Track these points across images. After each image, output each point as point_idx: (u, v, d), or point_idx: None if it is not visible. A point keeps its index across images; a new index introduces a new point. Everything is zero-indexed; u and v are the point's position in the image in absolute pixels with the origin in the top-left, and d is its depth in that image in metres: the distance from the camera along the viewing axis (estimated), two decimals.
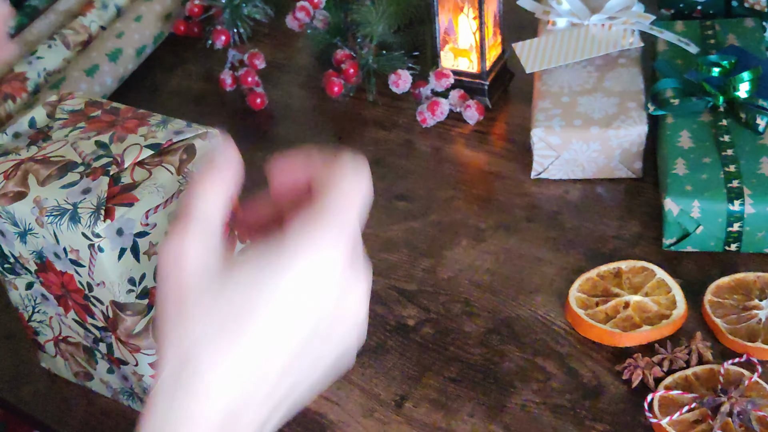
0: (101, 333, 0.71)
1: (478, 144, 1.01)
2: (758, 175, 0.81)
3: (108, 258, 0.64)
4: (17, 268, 0.71)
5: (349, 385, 0.78)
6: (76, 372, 0.78)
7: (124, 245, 0.64)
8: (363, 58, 1.09)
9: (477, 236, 0.90)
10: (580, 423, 0.72)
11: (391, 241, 0.91)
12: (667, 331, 0.77)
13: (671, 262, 0.84)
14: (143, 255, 0.66)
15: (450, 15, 1.02)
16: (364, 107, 1.09)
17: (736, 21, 1.01)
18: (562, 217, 0.90)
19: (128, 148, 0.67)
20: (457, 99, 1.04)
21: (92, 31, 1.16)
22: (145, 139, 0.68)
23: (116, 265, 0.64)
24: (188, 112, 1.12)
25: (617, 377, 0.75)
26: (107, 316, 0.68)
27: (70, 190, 0.64)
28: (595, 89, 0.95)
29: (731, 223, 0.81)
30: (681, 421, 0.70)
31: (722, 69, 0.91)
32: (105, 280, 0.65)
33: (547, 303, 0.82)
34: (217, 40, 1.17)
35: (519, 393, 0.75)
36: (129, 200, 0.64)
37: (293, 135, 1.07)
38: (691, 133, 0.88)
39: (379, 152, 1.02)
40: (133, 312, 0.67)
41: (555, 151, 0.92)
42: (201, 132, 0.69)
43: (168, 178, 0.66)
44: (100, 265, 0.64)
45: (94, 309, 0.69)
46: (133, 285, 0.66)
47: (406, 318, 0.83)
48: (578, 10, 1.03)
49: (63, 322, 0.73)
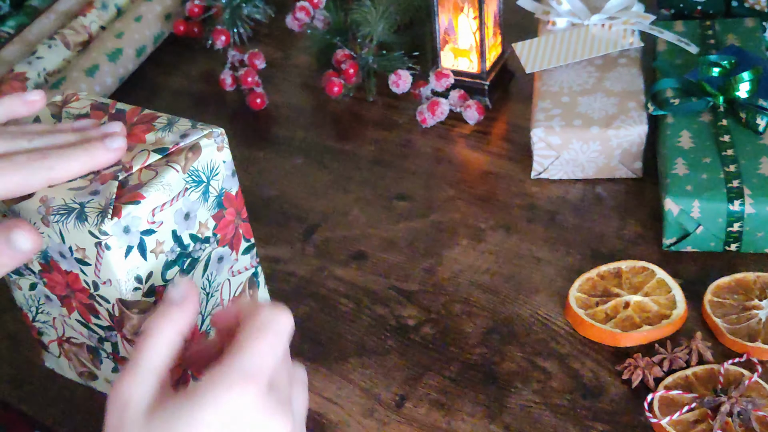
0: (106, 332, 0.71)
1: (478, 144, 1.01)
2: (758, 175, 0.81)
3: (115, 256, 0.64)
4: (21, 268, 0.71)
5: (349, 385, 0.78)
6: (80, 372, 0.78)
7: (131, 243, 0.64)
8: (363, 58, 1.09)
9: (477, 236, 0.90)
10: (580, 423, 0.72)
11: (391, 241, 0.91)
12: (667, 331, 0.77)
13: (671, 262, 0.84)
14: (150, 253, 0.66)
15: (450, 15, 1.02)
16: (364, 107, 1.09)
17: (735, 21, 1.01)
18: (562, 217, 0.90)
19: (137, 156, 0.67)
20: (457, 99, 1.05)
21: (92, 31, 1.17)
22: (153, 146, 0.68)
23: (123, 262, 0.65)
24: (188, 113, 1.12)
25: (617, 377, 0.75)
26: (113, 314, 0.68)
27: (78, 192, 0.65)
28: (595, 89, 0.95)
29: (731, 223, 0.81)
30: (681, 421, 0.70)
31: (722, 69, 0.91)
32: (111, 278, 0.65)
33: (547, 303, 0.82)
34: (217, 40, 1.17)
35: (519, 393, 0.75)
36: (135, 198, 0.64)
37: (293, 135, 1.07)
38: (691, 133, 0.88)
39: (379, 152, 1.02)
40: (139, 310, 0.67)
41: (555, 151, 0.92)
42: (207, 132, 0.70)
43: (174, 176, 0.66)
44: (106, 262, 0.64)
45: (99, 308, 0.69)
46: (140, 283, 0.66)
47: (406, 318, 0.83)
48: (578, 10, 1.03)
49: (66, 323, 0.73)
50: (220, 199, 0.72)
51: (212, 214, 0.71)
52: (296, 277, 0.88)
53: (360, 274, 0.88)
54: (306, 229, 0.94)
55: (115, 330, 0.70)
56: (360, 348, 0.81)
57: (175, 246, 0.68)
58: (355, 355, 0.80)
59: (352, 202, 0.96)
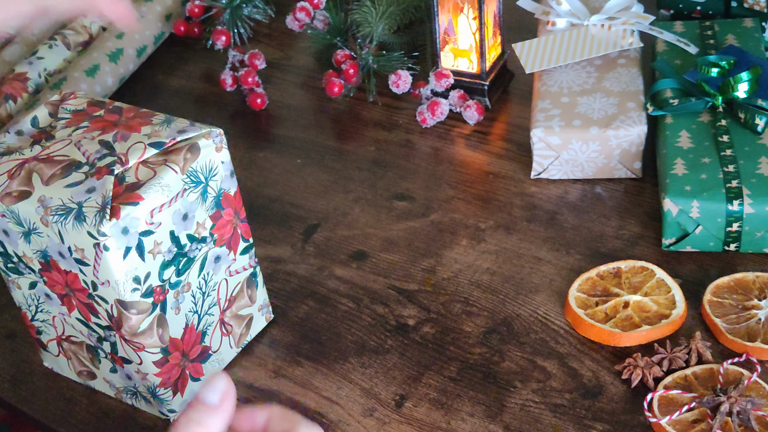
0: (105, 332, 0.71)
1: (478, 144, 1.02)
2: (757, 175, 0.82)
3: (113, 257, 0.64)
4: (21, 268, 0.71)
5: (349, 385, 0.78)
6: (79, 371, 0.79)
7: (129, 244, 0.65)
8: (363, 58, 1.09)
9: (477, 236, 0.90)
10: (580, 422, 0.72)
11: (391, 241, 0.91)
12: (667, 331, 0.77)
13: (671, 262, 0.84)
14: (148, 254, 0.66)
15: (450, 15, 1.02)
16: (364, 107, 1.10)
17: (735, 21, 1.01)
18: (561, 217, 0.91)
19: (132, 147, 0.67)
20: (457, 99, 1.05)
21: (93, 32, 1.17)
22: (149, 138, 0.68)
23: (121, 263, 0.65)
24: (189, 113, 1.12)
25: (617, 377, 0.75)
26: (111, 314, 0.68)
27: (75, 189, 0.65)
28: (594, 89, 0.95)
29: (730, 223, 0.81)
30: (680, 420, 0.70)
31: (721, 69, 0.91)
32: (110, 279, 0.65)
33: (546, 303, 0.82)
34: (218, 40, 1.17)
35: (519, 393, 0.75)
36: (134, 199, 0.64)
37: (293, 135, 1.07)
38: (691, 134, 0.88)
39: (379, 152, 1.02)
40: (137, 311, 0.68)
41: (554, 151, 0.92)
42: (205, 131, 0.70)
43: (172, 177, 0.66)
44: (105, 263, 0.64)
45: (98, 308, 0.69)
46: (138, 283, 0.66)
47: (406, 318, 0.83)
48: (578, 11, 1.03)
49: (66, 321, 0.74)
50: (219, 200, 0.72)
51: (210, 215, 0.71)
52: (296, 277, 0.88)
53: (360, 274, 0.88)
54: (306, 229, 0.94)
55: (113, 330, 0.70)
56: (360, 348, 0.81)
57: (172, 246, 0.68)
58: (355, 355, 0.80)
59: (352, 202, 0.96)
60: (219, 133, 0.70)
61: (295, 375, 0.79)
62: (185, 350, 0.74)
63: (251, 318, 0.80)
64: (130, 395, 0.76)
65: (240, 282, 0.77)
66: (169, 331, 0.71)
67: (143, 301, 0.68)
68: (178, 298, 0.71)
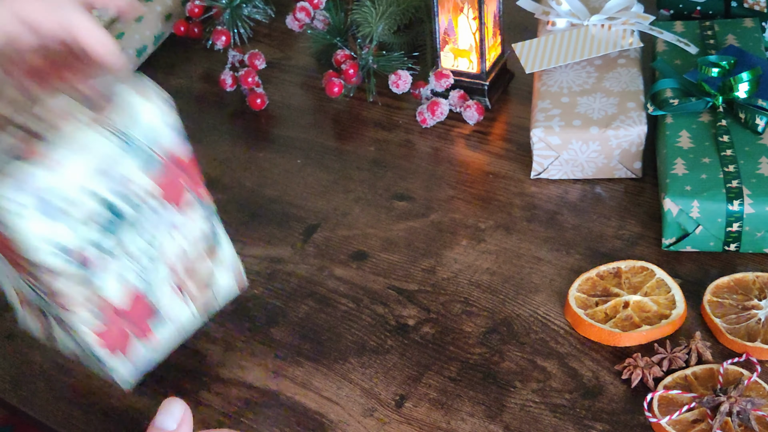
0: (47, 298, 0.68)
1: (477, 144, 1.02)
2: (757, 175, 0.82)
3: (26, 220, 0.62)
4: None
5: (349, 385, 0.78)
6: (46, 335, 0.75)
7: (42, 206, 0.62)
8: (363, 58, 1.09)
9: (477, 236, 0.90)
10: (580, 423, 0.72)
11: (391, 241, 0.91)
12: (667, 331, 0.77)
13: (671, 262, 0.84)
14: (64, 215, 0.63)
15: (450, 15, 1.02)
16: (364, 107, 1.10)
17: (735, 21, 1.01)
18: (561, 217, 0.91)
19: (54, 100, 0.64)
20: (457, 99, 1.05)
21: None
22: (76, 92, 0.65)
23: (36, 226, 0.62)
24: (189, 113, 1.12)
25: (617, 377, 0.75)
26: (42, 281, 0.66)
27: None
28: (594, 89, 0.95)
29: (730, 223, 0.81)
30: (680, 420, 0.70)
31: (721, 69, 0.91)
32: (25, 243, 0.63)
33: (546, 303, 0.82)
34: (218, 40, 1.17)
35: (519, 393, 0.75)
36: (49, 162, 0.61)
37: (293, 135, 1.07)
38: (691, 134, 0.88)
39: (379, 152, 1.02)
40: (59, 273, 0.65)
41: (554, 151, 0.92)
42: (139, 87, 0.67)
43: (97, 137, 0.63)
44: (18, 227, 0.62)
45: (36, 273, 0.66)
46: (57, 247, 0.64)
47: (406, 318, 0.83)
48: (578, 11, 1.03)
49: (21, 283, 0.71)
50: (160, 162, 0.68)
51: (151, 177, 0.68)
52: (296, 277, 0.88)
53: (360, 274, 0.88)
54: (306, 229, 0.94)
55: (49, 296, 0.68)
56: (360, 348, 0.81)
57: (103, 210, 0.65)
58: (355, 355, 0.80)
59: (352, 202, 0.96)
60: (158, 89, 0.67)
61: (295, 375, 0.79)
62: (125, 312, 0.70)
63: (212, 281, 0.76)
64: (85, 359, 0.73)
65: (196, 244, 0.73)
66: (101, 292, 0.68)
67: (65, 265, 0.65)
68: (110, 259, 0.67)
